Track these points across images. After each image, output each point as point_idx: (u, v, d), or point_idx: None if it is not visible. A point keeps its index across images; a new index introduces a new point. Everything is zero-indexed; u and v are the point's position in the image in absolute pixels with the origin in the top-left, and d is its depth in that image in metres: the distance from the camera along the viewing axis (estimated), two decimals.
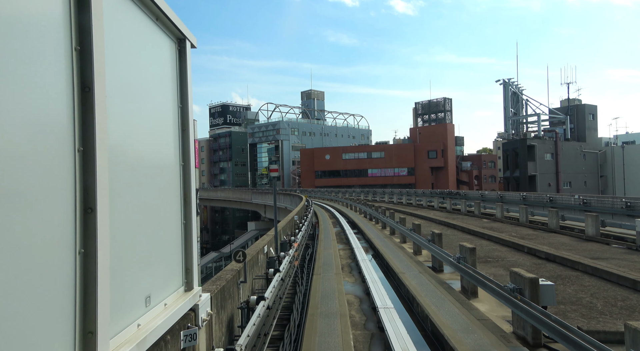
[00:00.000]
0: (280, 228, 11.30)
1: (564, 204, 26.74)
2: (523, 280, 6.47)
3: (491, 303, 8.60)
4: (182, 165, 3.60)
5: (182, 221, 3.56)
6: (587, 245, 15.29)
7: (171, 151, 3.42)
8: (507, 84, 65.51)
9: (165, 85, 3.33)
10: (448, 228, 22.36)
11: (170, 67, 3.43)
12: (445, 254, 10.09)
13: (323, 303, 7.96)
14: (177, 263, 3.46)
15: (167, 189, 3.29)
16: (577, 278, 10.41)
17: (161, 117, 3.22)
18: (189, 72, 3.70)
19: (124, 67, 2.57)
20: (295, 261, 9.82)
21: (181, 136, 3.60)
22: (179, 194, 3.52)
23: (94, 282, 2.00)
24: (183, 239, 3.57)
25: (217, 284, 4.42)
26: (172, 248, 3.35)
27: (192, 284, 3.59)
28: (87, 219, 2.02)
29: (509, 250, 15.03)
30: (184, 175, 3.61)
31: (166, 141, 3.32)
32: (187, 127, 3.66)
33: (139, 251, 2.68)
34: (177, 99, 3.55)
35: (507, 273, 11.28)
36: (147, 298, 2.78)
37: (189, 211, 3.63)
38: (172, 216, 3.39)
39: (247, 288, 6.08)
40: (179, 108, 3.57)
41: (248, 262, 5.95)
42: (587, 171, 62.49)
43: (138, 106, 2.76)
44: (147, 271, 2.82)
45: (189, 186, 3.65)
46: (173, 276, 3.34)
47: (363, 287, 10.24)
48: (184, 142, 3.63)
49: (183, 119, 3.62)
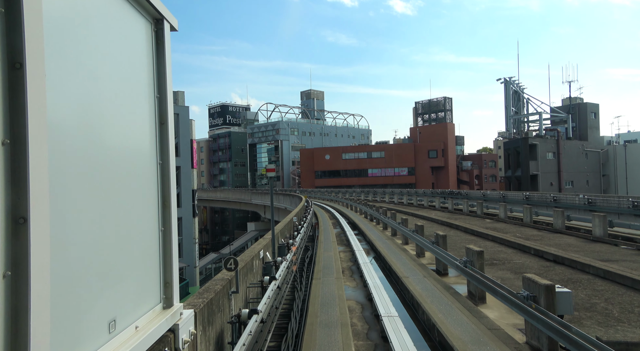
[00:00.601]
0: (278, 231, 10.84)
1: (568, 204, 26.28)
2: (538, 287, 6.01)
3: (500, 309, 8.15)
4: (160, 163, 3.14)
5: (160, 228, 3.10)
6: (595, 246, 14.84)
7: (146, 147, 2.96)
8: (508, 83, 65.04)
9: (138, 71, 2.87)
10: (451, 229, 21.90)
11: (145, 51, 2.97)
12: (451, 257, 9.63)
13: (323, 311, 7.50)
14: (153, 277, 3.00)
15: (140, 191, 2.83)
16: (589, 282, 9.95)
17: (132, 107, 2.76)
18: (167, 58, 3.25)
19: (79, 46, 2.12)
20: (293, 266, 9.36)
21: (158, 130, 3.14)
22: (155, 197, 3.06)
23: (25, 312, 1.55)
24: (161, 248, 3.10)
25: (205, 297, 3.96)
26: (146, 260, 2.89)
27: (171, 301, 3.13)
28: (16, 232, 1.57)
29: (514, 252, 14.58)
30: (162, 175, 3.15)
31: (139, 135, 2.86)
32: (165, 120, 3.20)
33: (99, 266, 2.22)
34: (153, 87, 3.09)
35: (515, 277, 10.84)
36: (111, 322, 2.33)
37: (168, 216, 3.17)
38: (147, 223, 2.93)
39: (240, 298, 5.63)
40: (155, 98, 3.11)
41: (241, 269, 5.50)
42: (589, 170, 62.00)
43: (100, 93, 2.30)
44: (112, 289, 2.36)
45: (168, 187, 3.19)
46: (148, 293, 2.88)
47: (365, 292, 9.78)
48: (162, 138, 3.17)
49: (161, 110, 3.16)
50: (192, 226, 32.96)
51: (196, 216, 33.70)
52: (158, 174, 3.11)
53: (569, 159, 59.44)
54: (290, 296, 9.21)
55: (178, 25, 3.46)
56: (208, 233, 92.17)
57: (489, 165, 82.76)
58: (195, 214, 33.40)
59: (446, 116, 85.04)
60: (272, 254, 8.57)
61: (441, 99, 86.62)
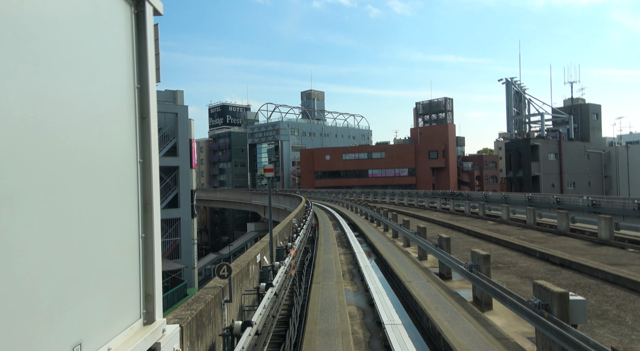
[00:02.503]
0: (276, 233, 10.50)
1: (572, 205, 25.95)
2: (550, 295, 5.67)
3: (508, 316, 7.81)
4: (141, 162, 2.80)
5: (140, 235, 2.76)
6: (602, 249, 14.49)
7: (123, 144, 2.63)
8: (509, 83, 64.69)
9: (114, 58, 2.54)
10: (453, 231, 21.56)
11: (123, 36, 2.64)
12: (456, 261, 9.29)
13: (323, 318, 7.16)
14: (132, 290, 2.66)
15: (115, 193, 2.50)
16: (598, 287, 9.61)
17: (105, 99, 2.43)
18: (150, 45, 2.91)
19: (38, 25, 1.80)
20: (292, 270, 9.02)
21: (139, 125, 2.80)
22: (135, 199, 2.73)
23: None
24: (141, 257, 2.77)
25: (193, 308, 3.63)
26: (122, 271, 2.56)
27: (153, 316, 2.79)
28: None
29: (519, 255, 14.23)
30: (143, 175, 2.81)
31: (115, 130, 2.53)
32: (147, 114, 2.86)
33: (59, 279, 1.89)
34: (133, 77, 2.75)
35: (521, 281, 10.51)
36: (76, 346, 2.00)
37: (149, 220, 2.83)
38: (124, 228, 2.59)
39: (234, 306, 5.29)
40: (136, 89, 2.77)
41: (236, 276, 5.16)
42: (590, 172, 61.62)
43: (59, 83, 1.97)
44: (78, 306, 2.03)
45: (150, 188, 2.85)
46: (124, 308, 2.55)
47: (366, 297, 9.44)
48: (143, 133, 2.83)
49: (142, 103, 2.83)
50: (190, 226, 32.62)
51: (195, 217, 33.37)
52: (138, 174, 2.77)
53: (570, 161, 59.08)
54: (289, 301, 8.88)
55: (163, 10, 3.13)
56: (208, 233, 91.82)
57: (490, 166, 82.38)
58: (194, 214, 33.07)
59: (447, 117, 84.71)
60: (270, 258, 8.23)
61: (442, 100, 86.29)
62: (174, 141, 32.67)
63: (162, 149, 32.36)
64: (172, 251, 32.28)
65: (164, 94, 35.12)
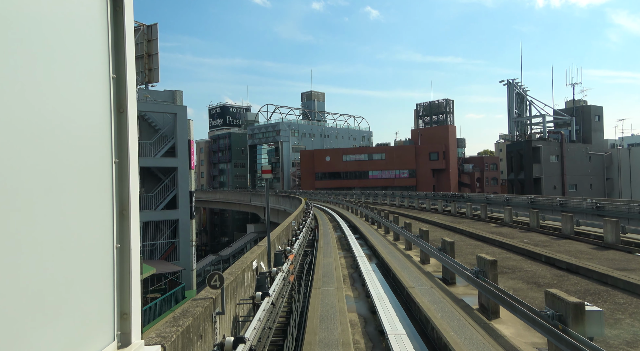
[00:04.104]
0: (275, 237, 10.16)
1: (575, 208, 25.61)
2: (565, 305, 5.33)
3: (516, 324, 7.46)
4: (117, 162, 2.47)
5: (115, 245, 2.42)
6: (608, 253, 14.15)
7: (96, 141, 2.29)
8: (511, 85, 64.39)
9: (85, 40, 2.20)
10: (455, 233, 21.21)
11: (96, 15, 2.30)
12: (461, 267, 8.94)
13: (322, 327, 6.82)
14: (105, 308, 2.32)
15: (86, 198, 2.16)
16: (608, 294, 9.26)
17: (75, 89, 2.09)
18: (129, 27, 2.57)
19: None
20: (290, 276, 8.68)
21: (115, 120, 2.47)
22: (109, 204, 2.39)
23: None
24: (117, 270, 2.42)
25: (180, 324, 3.29)
26: (93, 286, 2.22)
27: (129, 337, 2.45)
28: None
29: (524, 259, 13.89)
30: (119, 177, 2.48)
31: (86, 125, 2.19)
32: (125, 108, 2.52)
33: (13, 299, 1.56)
34: (108, 65, 2.41)
35: (528, 287, 10.16)
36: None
37: (126, 228, 2.49)
38: (96, 238, 2.25)
39: (228, 318, 4.94)
40: (111, 79, 2.44)
41: (230, 284, 4.83)
42: (592, 174, 61.26)
43: (16, 66, 1.63)
44: (36, 330, 1.70)
45: (127, 192, 2.51)
46: (95, 329, 2.20)
47: (368, 304, 9.10)
48: (120, 130, 2.49)
49: (119, 95, 2.49)
50: (189, 228, 32.27)
51: (194, 218, 33.01)
52: (114, 176, 2.43)
53: (572, 162, 58.74)
54: (288, 307, 8.54)
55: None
56: (207, 234, 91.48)
57: (490, 168, 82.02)
58: (193, 216, 32.70)
59: (447, 118, 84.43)
60: (268, 263, 7.89)
61: (442, 101, 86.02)
62: (172, 142, 32.34)
63: (161, 150, 32.03)
64: (170, 252, 31.92)
65: (163, 94, 34.81)
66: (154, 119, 32.93)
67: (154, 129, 33.02)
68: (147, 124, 32.92)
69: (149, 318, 22.49)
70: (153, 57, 33.78)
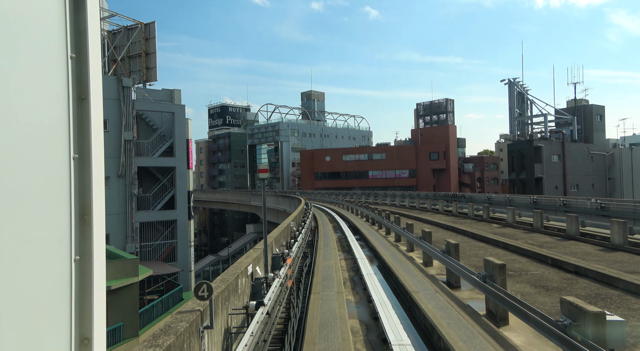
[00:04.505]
0: (272, 239, 9.74)
1: (579, 208, 25.24)
2: (583, 314, 4.95)
3: (526, 332, 7.07)
4: (77, 158, 2.06)
5: (74, 257, 2.02)
6: (616, 255, 13.76)
7: (49, 133, 1.89)
8: (512, 84, 64.00)
9: (33, 9, 1.81)
10: (457, 234, 20.83)
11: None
12: (467, 270, 8.55)
13: (322, 336, 6.42)
14: (60, 333, 1.92)
15: (35, 201, 1.77)
16: (621, 299, 8.87)
17: (19, 67, 1.69)
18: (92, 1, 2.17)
19: None
20: (288, 282, 8.28)
21: (75, 108, 2.06)
22: (66, 209, 1.99)
23: None
24: (75, 288, 2.03)
25: (159, 343, 2.89)
26: (45, 308, 1.82)
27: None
28: None
29: (529, 261, 13.50)
30: (80, 176, 2.07)
31: (34, 114, 1.80)
32: (87, 94, 2.11)
33: None
34: (65, 43, 2.01)
35: (536, 291, 9.78)
36: None
37: (88, 238, 2.08)
38: (48, 249, 1.86)
39: (218, 331, 4.53)
40: (69, 60, 2.03)
41: (221, 293, 4.43)
42: (594, 174, 60.86)
43: None
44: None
45: (89, 194, 2.10)
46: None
47: (369, 309, 8.70)
48: (81, 120, 2.08)
49: (80, 79, 2.08)
50: (187, 228, 31.86)
51: (192, 219, 32.59)
52: (72, 175, 2.03)
53: (574, 162, 58.34)
54: (286, 313, 8.14)
55: None
56: (207, 234, 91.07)
57: (491, 168, 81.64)
58: (191, 216, 32.29)
59: (448, 118, 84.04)
60: (264, 267, 7.48)
61: (442, 101, 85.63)
62: (170, 141, 31.93)
63: (159, 149, 31.62)
64: (168, 253, 31.52)
65: (161, 93, 34.41)
66: (151, 118, 32.53)
67: (151, 129, 32.62)
68: (144, 124, 32.52)
69: (146, 321, 22.10)
70: (151, 56, 33.39)
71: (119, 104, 28.94)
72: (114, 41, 34.28)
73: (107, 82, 29.14)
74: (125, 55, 33.82)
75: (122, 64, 33.80)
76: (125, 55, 33.79)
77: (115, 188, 28.47)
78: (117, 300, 19.16)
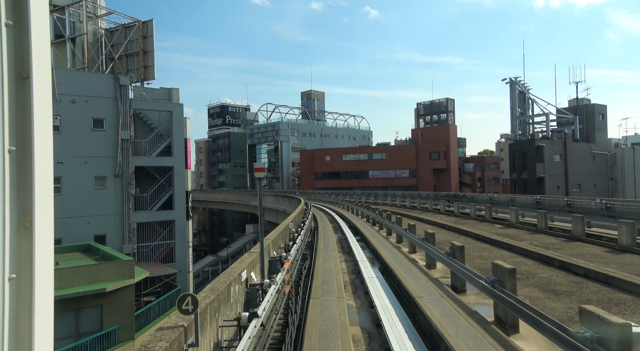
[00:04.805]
0: (270, 241, 9.34)
1: (584, 208, 24.82)
2: (607, 326, 4.53)
3: (538, 341, 6.66)
4: (14, 151, 1.65)
5: (8, 276, 1.61)
6: (625, 257, 13.36)
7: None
8: (513, 83, 63.58)
9: None
10: (460, 235, 20.42)
11: None
12: (474, 275, 8.14)
13: (322, 346, 6.01)
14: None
15: None
16: (636, 305, 8.46)
17: None
18: None
19: None
20: (286, 287, 7.87)
21: (12, 89, 1.65)
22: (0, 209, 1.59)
23: None
24: (9, 313, 1.62)
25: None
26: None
27: None
28: None
29: (536, 263, 13.09)
30: (16, 173, 1.66)
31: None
32: (29, 72, 1.70)
33: None
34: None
35: (545, 296, 9.37)
36: None
37: (28, 250, 1.67)
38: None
39: (207, 346, 4.11)
40: (4, 28, 1.63)
41: (210, 304, 4.03)
42: (596, 173, 60.43)
43: None
44: None
45: (30, 196, 1.69)
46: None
47: (371, 316, 8.30)
48: (22, 104, 1.68)
49: (19, 54, 1.68)
50: (185, 229, 31.45)
51: (190, 219, 32.16)
52: (6, 173, 1.62)
53: (576, 162, 57.92)
54: (283, 320, 7.73)
55: None
56: (206, 234, 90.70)
57: (492, 167, 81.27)
58: (189, 216, 31.86)
59: (448, 118, 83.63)
60: (260, 272, 7.07)
61: (443, 101, 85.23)
62: (168, 140, 31.52)
63: (156, 149, 31.21)
64: (166, 254, 31.11)
65: (159, 92, 33.99)
66: (149, 117, 32.12)
67: (149, 128, 32.22)
68: (142, 122, 32.11)
69: (143, 323, 21.69)
70: (148, 54, 32.99)
71: (116, 103, 28.53)
72: (112, 39, 33.88)
73: (104, 81, 28.74)
74: (123, 54, 33.41)
75: (120, 63, 33.40)
76: (123, 53, 33.39)
77: (112, 188, 28.05)
78: (113, 303, 18.75)
